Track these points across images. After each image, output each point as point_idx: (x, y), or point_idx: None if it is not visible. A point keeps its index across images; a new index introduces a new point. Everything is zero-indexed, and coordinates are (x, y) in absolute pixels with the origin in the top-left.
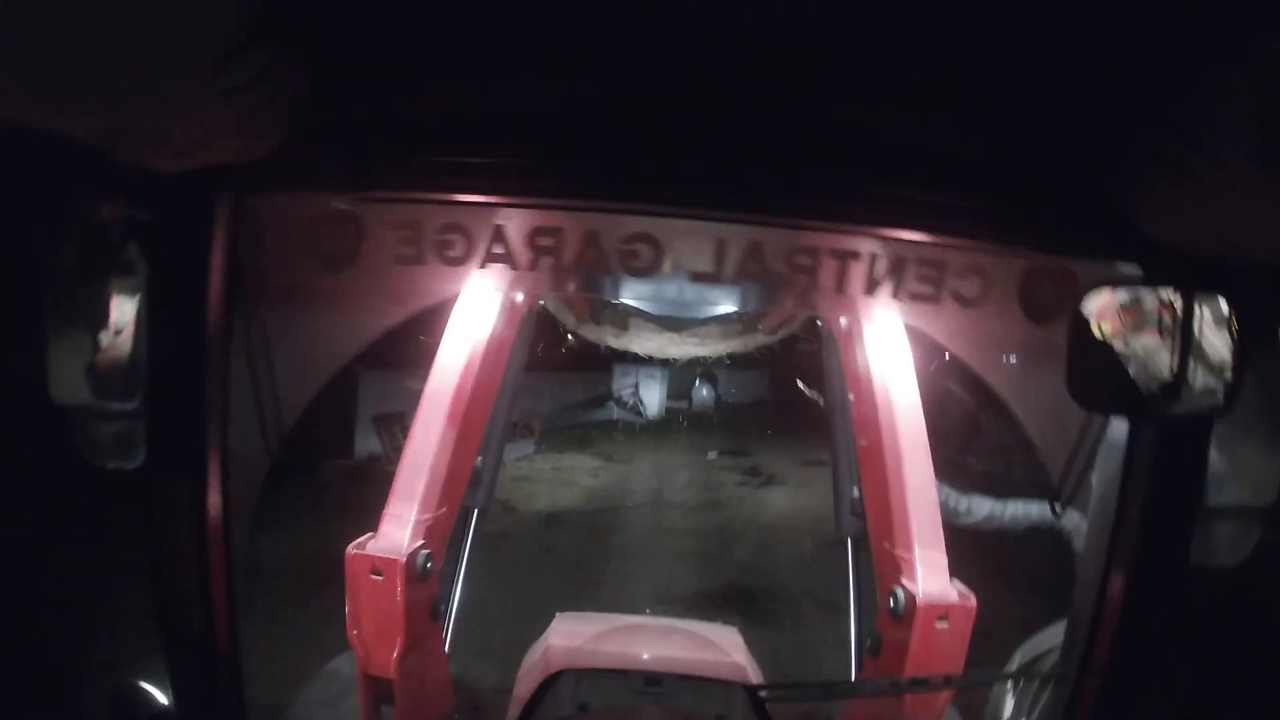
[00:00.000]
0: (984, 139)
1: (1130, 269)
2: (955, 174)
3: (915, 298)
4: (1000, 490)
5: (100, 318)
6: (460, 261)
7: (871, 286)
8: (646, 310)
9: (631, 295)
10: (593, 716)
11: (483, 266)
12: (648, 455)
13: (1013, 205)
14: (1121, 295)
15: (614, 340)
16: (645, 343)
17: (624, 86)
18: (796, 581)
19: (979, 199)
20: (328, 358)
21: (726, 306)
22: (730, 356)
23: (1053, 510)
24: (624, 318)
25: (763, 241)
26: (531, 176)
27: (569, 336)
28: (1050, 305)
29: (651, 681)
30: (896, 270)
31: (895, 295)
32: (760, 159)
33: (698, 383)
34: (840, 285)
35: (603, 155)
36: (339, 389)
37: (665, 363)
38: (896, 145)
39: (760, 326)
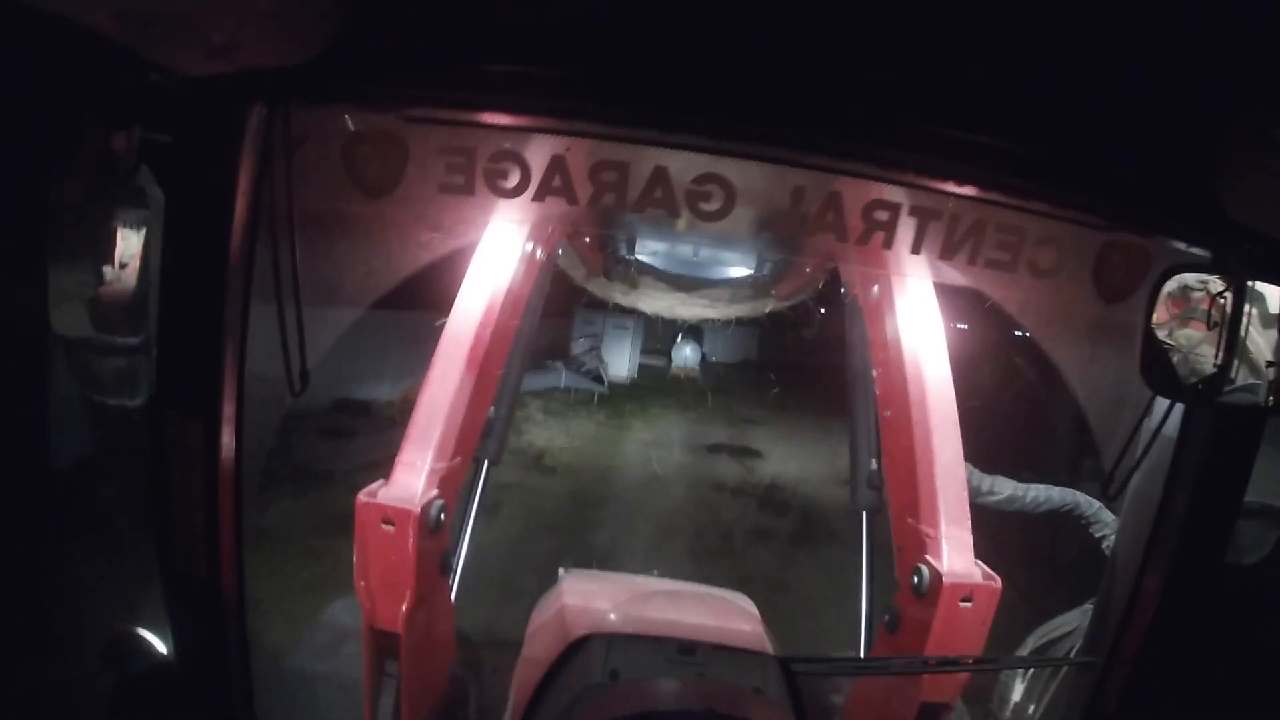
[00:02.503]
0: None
1: (1207, 252)
2: (1034, 124)
3: (990, 264)
4: (1044, 472)
5: (105, 247)
6: (511, 193)
7: (947, 251)
8: (659, 268)
9: (651, 250)
10: (630, 687)
11: (537, 199)
12: (607, 455)
13: (1096, 168)
14: (1197, 278)
15: (622, 297)
16: (654, 301)
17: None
18: None
19: (1064, 156)
20: (358, 292)
21: (745, 268)
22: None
23: (1106, 495)
24: (635, 275)
25: (804, 186)
26: (596, 93)
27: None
28: (1124, 283)
29: (685, 650)
30: (976, 232)
31: (972, 261)
32: (807, 87)
33: (680, 339)
34: (889, 246)
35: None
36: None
37: (639, 313)
38: (971, 91)
39: (774, 292)
